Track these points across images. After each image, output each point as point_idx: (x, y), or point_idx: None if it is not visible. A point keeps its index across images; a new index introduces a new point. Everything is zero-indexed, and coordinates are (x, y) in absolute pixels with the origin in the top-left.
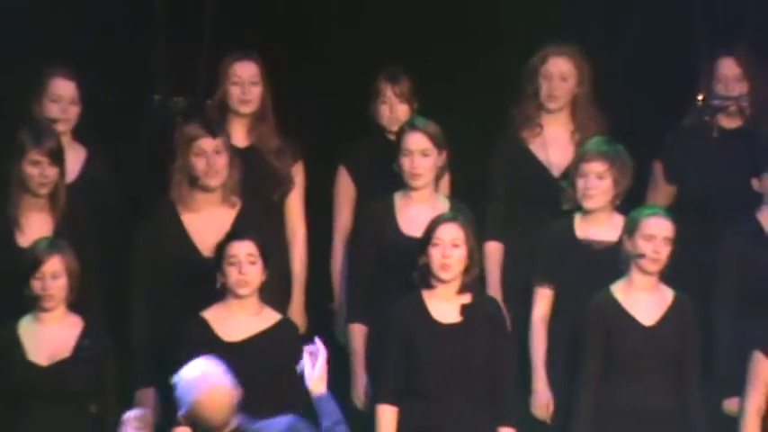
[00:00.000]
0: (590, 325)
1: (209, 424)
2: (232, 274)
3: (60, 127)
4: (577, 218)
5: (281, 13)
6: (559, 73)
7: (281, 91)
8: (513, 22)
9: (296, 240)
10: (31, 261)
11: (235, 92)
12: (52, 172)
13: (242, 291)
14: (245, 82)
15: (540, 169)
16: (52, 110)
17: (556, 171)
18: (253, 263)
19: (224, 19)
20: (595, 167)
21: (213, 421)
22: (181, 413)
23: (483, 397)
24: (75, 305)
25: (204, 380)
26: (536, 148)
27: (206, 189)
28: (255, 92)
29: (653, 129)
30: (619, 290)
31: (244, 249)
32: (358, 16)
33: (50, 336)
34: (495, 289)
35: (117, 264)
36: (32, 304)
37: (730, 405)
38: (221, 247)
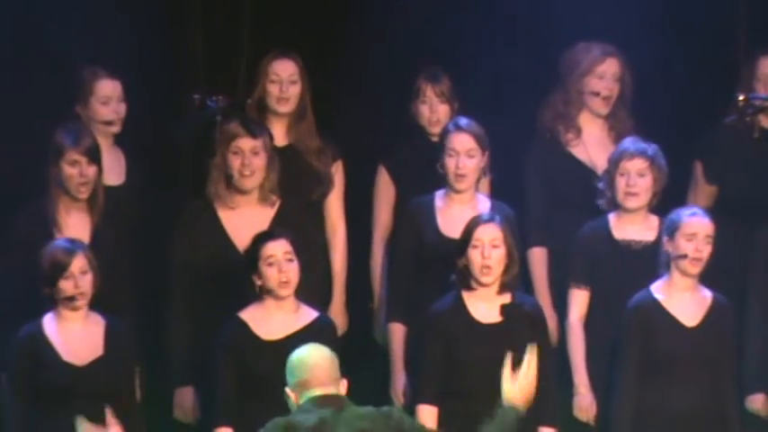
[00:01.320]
0: (631, 326)
1: (313, 377)
2: (272, 276)
3: (114, 128)
4: (613, 218)
5: (321, 11)
6: (614, 73)
7: (320, 90)
8: (549, 22)
9: (336, 240)
10: (57, 262)
11: (273, 90)
12: (91, 171)
13: (284, 291)
14: (284, 80)
15: (583, 170)
16: (104, 112)
17: (599, 171)
18: (290, 260)
19: (263, 17)
20: (636, 165)
21: (318, 373)
22: (289, 389)
23: None
24: (108, 306)
25: (310, 344)
26: (577, 149)
27: (240, 190)
28: (294, 90)
29: (688, 129)
30: (659, 291)
31: (281, 248)
32: (398, 15)
33: (78, 335)
34: (543, 295)
35: (157, 263)
36: (57, 305)
37: (752, 402)
38: (254, 249)
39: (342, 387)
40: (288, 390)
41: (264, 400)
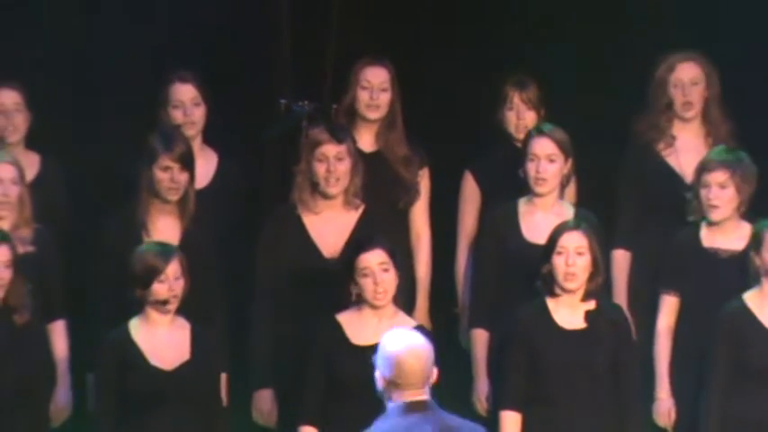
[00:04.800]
0: (721, 334)
1: (405, 381)
2: (368, 287)
3: (189, 131)
4: (704, 226)
5: (407, 17)
6: (690, 78)
7: (406, 95)
8: (637, 29)
9: (420, 246)
10: (152, 266)
11: (363, 96)
12: (183, 177)
13: (380, 302)
14: (375, 87)
15: (673, 178)
16: (176, 116)
17: (689, 179)
18: (386, 270)
19: (351, 23)
20: (717, 177)
21: (411, 377)
22: (378, 374)
23: (607, 403)
24: (198, 309)
25: (407, 337)
26: (669, 156)
27: (326, 196)
28: (384, 98)
29: None
30: (751, 300)
31: (376, 259)
32: (485, 21)
33: (165, 339)
34: (621, 297)
35: (242, 266)
36: (144, 308)
37: None
38: (350, 259)
39: (433, 378)
40: (378, 374)
41: (349, 403)
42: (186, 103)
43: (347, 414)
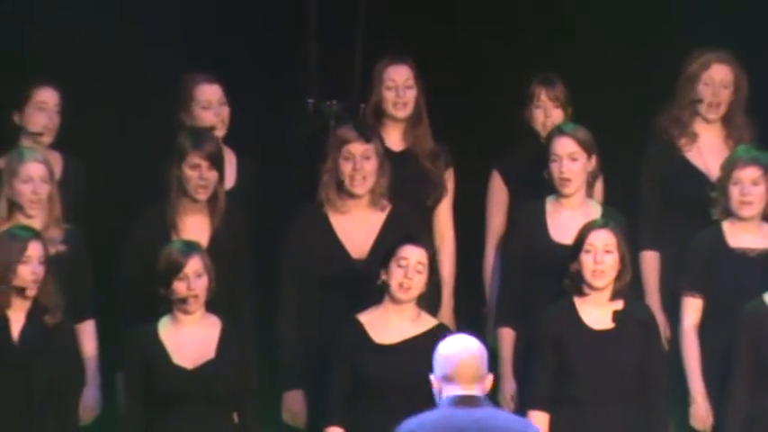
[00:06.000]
0: (742, 333)
1: (456, 375)
2: (398, 276)
3: (218, 132)
4: (726, 226)
5: (433, 15)
6: (722, 80)
7: (433, 94)
8: (665, 27)
9: (445, 245)
10: (172, 263)
11: (389, 96)
12: (212, 175)
13: (402, 296)
14: (400, 86)
15: (697, 176)
16: (206, 116)
17: (713, 177)
18: (420, 272)
19: (377, 22)
20: (750, 173)
21: (462, 371)
22: (433, 377)
23: (635, 403)
24: (228, 308)
25: (463, 339)
26: (692, 154)
27: (352, 195)
28: (410, 95)
29: None
30: None
31: (416, 256)
32: (511, 19)
33: (192, 338)
34: (654, 298)
35: (268, 267)
36: (172, 307)
37: None
38: (393, 246)
39: (486, 383)
40: (432, 377)
41: (374, 402)
42: (215, 103)
43: (373, 413)
